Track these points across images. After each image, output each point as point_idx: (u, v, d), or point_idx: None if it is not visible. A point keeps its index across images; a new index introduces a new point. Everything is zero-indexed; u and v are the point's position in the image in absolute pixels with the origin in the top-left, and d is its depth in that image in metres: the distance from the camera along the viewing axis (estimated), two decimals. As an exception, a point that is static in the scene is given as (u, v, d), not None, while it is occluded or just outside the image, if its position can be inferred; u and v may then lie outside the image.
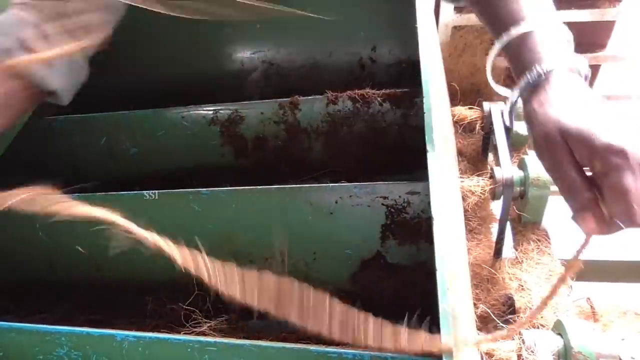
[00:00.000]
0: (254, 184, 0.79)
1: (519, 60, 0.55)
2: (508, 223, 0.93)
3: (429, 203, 0.66)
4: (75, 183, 0.93)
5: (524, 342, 0.69)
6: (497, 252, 0.92)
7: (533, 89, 0.54)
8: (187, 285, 0.83)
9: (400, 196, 0.74)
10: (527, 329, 0.66)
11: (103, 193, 0.84)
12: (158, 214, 0.82)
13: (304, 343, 0.66)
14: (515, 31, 0.56)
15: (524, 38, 0.55)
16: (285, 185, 0.77)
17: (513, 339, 0.74)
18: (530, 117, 0.53)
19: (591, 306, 1.52)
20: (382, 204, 0.75)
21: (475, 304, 0.88)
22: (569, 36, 0.57)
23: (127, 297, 0.86)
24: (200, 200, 0.79)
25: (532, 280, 0.85)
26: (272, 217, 0.79)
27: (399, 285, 0.78)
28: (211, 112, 0.96)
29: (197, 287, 0.81)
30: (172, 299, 0.83)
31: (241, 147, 0.98)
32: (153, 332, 0.67)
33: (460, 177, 0.94)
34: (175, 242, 0.81)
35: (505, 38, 0.57)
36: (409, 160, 0.89)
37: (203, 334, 0.76)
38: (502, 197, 0.90)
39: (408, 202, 0.75)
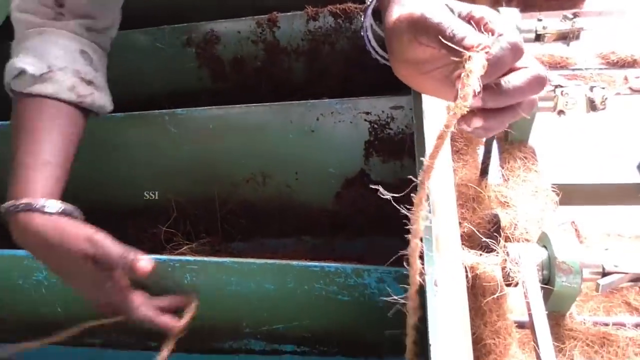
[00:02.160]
0: (233, 107, 0.76)
1: None
2: (494, 142, 0.91)
3: (413, 117, 0.64)
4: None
5: (508, 255, 0.69)
6: (484, 171, 0.91)
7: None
8: (167, 209, 0.81)
9: (383, 111, 0.72)
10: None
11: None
12: (133, 136, 0.79)
13: (287, 260, 0.65)
14: None
15: None
16: (263, 104, 0.74)
17: (497, 254, 0.74)
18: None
19: (575, 229, 1.54)
20: (365, 120, 0.73)
21: (460, 223, 0.87)
22: None
23: (107, 225, 0.85)
24: (176, 121, 0.76)
25: (518, 197, 0.84)
26: (252, 137, 0.76)
27: (383, 203, 0.77)
28: (185, 32, 0.91)
29: (177, 210, 0.80)
30: (152, 224, 0.81)
31: (219, 70, 0.94)
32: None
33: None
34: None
35: None
36: (396, 79, 0.86)
37: (183, 255, 0.75)
38: (488, 114, 0.87)
39: (392, 117, 0.72)
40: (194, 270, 0.63)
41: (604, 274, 0.68)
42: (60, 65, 0.66)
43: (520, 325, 0.81)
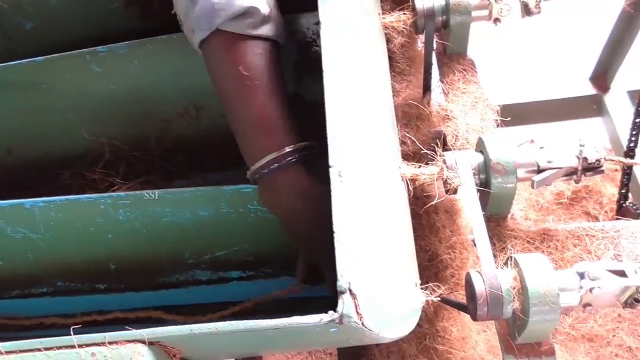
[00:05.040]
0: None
1: None
2: (434, 56, 0.90)
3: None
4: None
5: (445, 163, 0.69)
6: (426, 88, 0.90)
7: None
8: (103, 153, 0.80)
9: (308, 28, 0.70)
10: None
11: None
12: (57, 81, 0.76)
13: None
14: None
15: None
16: (186, 32, 0.71)
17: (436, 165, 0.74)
18: None
19: (534, 148, 1.55)
20: (291, 40, 0.71)
21: (405, 143, 0.87)
22: None
23: (44, 176, 0.83)
24: (98, 59, 0.74)
25: (458, 109, 0.84)
26: (180, 69, 0.74)
27: (321, 124, 0.76)
28: (106, -31, 0.87)
29: (113, 152, 0.78)
30: (90, 171, 0.79)
31: (147, 7, 0.90)
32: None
33: (382, 16, 0.89)
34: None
35: None
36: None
37: (120, 194, 0.74)
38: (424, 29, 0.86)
39: (317, 34, 0.71)
40: (126, 206, 0.62)
41: (540, 171, 0.69)
42: (274, 1, 0.62)
43: (478, 243, 0.82)
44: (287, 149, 0.59)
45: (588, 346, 1.09)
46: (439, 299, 0.66)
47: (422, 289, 0.59)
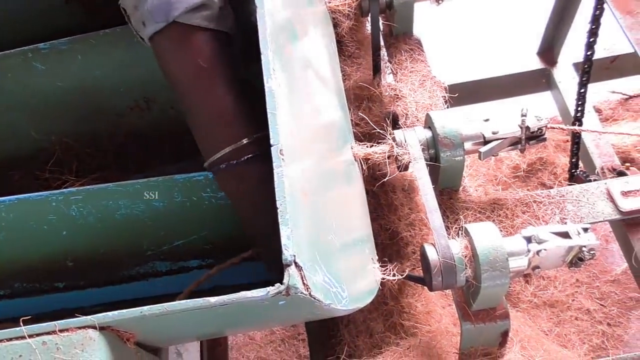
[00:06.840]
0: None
1: None
2: (381, 38, 0.91)
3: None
4: None
5: (394, 140, 0.70)
6: (375, 70, 0.91)
7: None
8: (53, 153, 0.79)
9: (252, 15, 0.70)
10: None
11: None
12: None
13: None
14: None
15: None
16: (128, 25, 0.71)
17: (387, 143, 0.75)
18: None
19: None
20: (238, 28, 0.71)
21: (359, 124, 0.88)
22: None
23: (-4, 178, 0.82)
24: (41, 56, 0.73)
25: (407, 88, 0.85)
26: (126, 62, 0.73)
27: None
28: (45, -35, 0.85)
29: (65, 150, 0.77)
30: (42, 170, 0.78)
31: (89, 3, 0.88)
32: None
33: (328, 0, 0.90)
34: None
35: None
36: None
37: (73, 192, 0.73)
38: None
39: (260, 20, 0.71)
40: (79, 201, 0.62)
41: (486, 142, 0.71)
42: None
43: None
44: (245, 141, 0.60)
45: (550, 312, 1.12)
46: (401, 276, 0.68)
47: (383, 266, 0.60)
